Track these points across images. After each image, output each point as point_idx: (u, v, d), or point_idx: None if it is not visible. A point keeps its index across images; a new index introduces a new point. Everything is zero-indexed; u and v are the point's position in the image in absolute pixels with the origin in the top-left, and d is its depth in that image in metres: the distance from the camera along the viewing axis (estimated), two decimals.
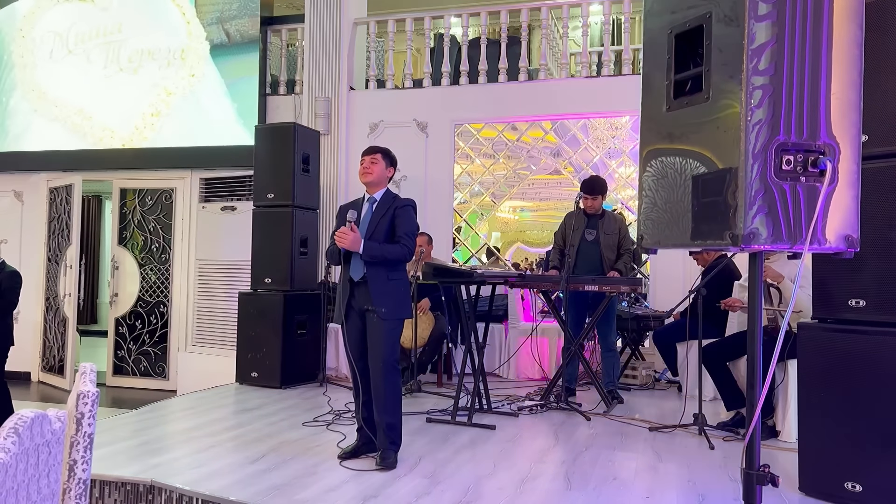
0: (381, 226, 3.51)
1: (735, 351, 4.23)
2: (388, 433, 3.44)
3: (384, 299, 3.44)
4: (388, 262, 3.46)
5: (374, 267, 3.45)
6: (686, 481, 3.26)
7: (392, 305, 3.45)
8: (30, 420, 1.28)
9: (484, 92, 6.95)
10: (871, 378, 2.81)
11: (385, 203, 3.58)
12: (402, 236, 3.49)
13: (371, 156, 3.61)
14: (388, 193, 3.64)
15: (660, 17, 1.91)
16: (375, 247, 3.43)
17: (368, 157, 3.62)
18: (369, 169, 3.58)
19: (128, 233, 7.98)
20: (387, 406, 3.44)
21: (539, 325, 5.86)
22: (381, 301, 3.43)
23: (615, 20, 8.13)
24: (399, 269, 3.55)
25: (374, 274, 3.46)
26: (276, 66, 7.74)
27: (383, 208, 3.56)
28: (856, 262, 2.69)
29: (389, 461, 3.39)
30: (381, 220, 3.53)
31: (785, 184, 1.61)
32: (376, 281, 3.45)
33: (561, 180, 8.40)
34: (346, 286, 3.53)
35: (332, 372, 6.03)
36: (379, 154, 3.62)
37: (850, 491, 2.84)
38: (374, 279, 3.45)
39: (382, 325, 3.43)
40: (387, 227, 3.51)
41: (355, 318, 3.53)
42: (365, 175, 3.60)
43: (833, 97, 1.66)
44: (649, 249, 1.97)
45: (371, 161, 3.59)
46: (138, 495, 3.19)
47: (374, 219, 3.54)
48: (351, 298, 3.52)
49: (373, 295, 3.44)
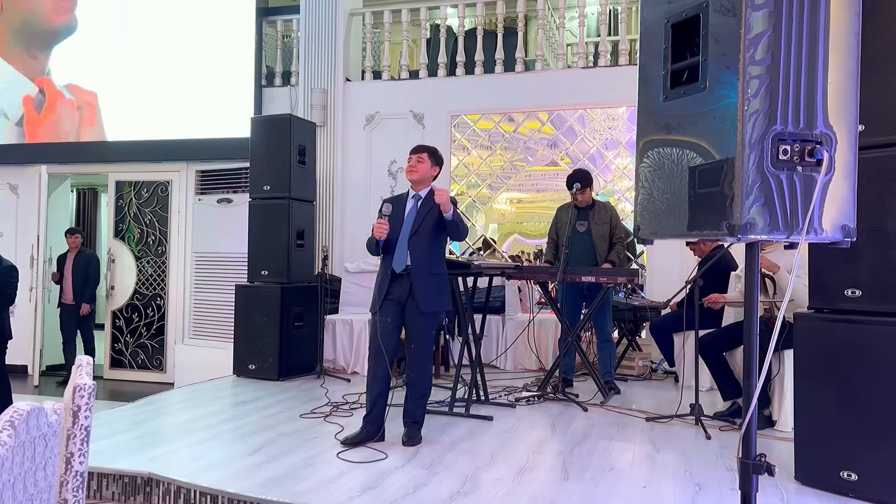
0: (427, 221, 3.64)
1: (731, 341, 4.24)
2: (418, 415, 3.70)
3: (425, 293, 3.58)
4: (458, 233, 3.65)
5: (418, 260, 3.59)
6: (683, 471, 3.28)
7: (432, 298, 3.61)
8: (26, 413, 1.28)
9: (480, 83, 6.93)
10: (867, 368, 2.82)
11: (430, 200, 3.69)
12: None
13: (418, 154, 3.75)
14: (433, 192, 3.73)
15: (656, 7, 1.90)
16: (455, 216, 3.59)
17: (415, 155, 3.76)
18: (415, 167, 3.73)
19: (124, 225, 7.96)
20: (422, 391, 3.69)
21: (536, 317, 5.87)
22: (421, 294, 3.56)
23: (612, 10, 8.10)
24: (440, 265, 3.70)
25: (418, 266, 3.59)
26: (272, 58, 7.70)
27: (428, 205, 3.68)
28: (852, 252, 2.69)
29: (417, 439, 3.66)
30: (427, 216, 3.65)
31: (782, 174, 1.61)
32: (419, 274, 3.59)
33: (558, 172, 8.37)
34: (385, 277, 3.65)
35: (329, 364, 6.03)
36: (425, 153, 3.76)
37: (845, 479, 2.86)
38: (417, 272, 3.59)
39: (421, 317, 3.59)
40: (432, 223, 3.63)
41: (390, 307, 3.63)
42: (410, 173, 3.75)
43: (830, 87, 1.66)
44: (646, 240, 1.96)
45: (417, 160, 3.73)
46: (136, 488, 3.20)
47: (419, 214, 3.66)
48: (390, 288, 3.63)
49: (414, 287, 3.57)
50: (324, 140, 6.96)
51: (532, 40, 8.54)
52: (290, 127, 5.87)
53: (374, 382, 3.63)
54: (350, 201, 7.15)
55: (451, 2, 7.46)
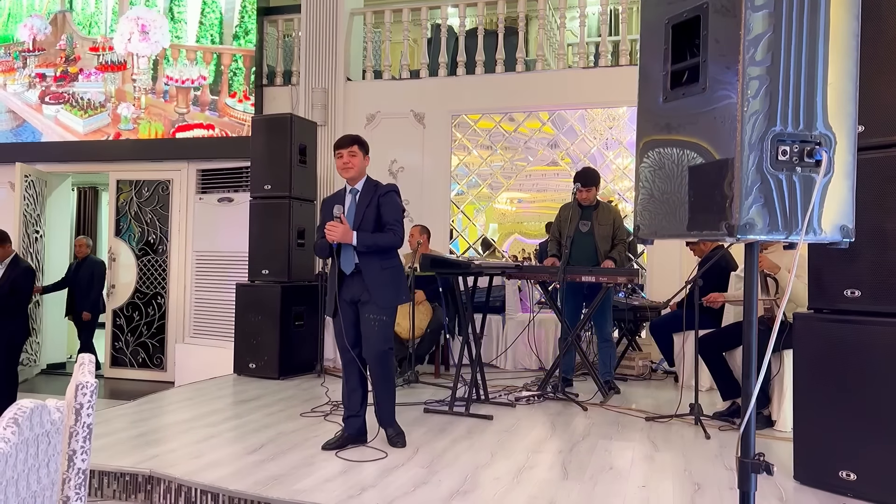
0: (368, 215, 3.50)
1: (731, 341, 4.25)
2: (390, 416, 3.59)
3: (380, 289, 3.45)
4: (381, 251, 3.46)
5: (366, 257, 3.45)
6: (682, 470, 3.28)
7: (388, 294, 3.47)
8: (29, 410, 1.28)
9: (481, 83, 6.93)
10: (866, 368, 2.83)
11: (367, 192, 3.56)
12: (390, 223, 3.48)
13: (349, 149, 3.55)
14: (369, 181, 3.62)
15: (657, 8, 1.90)
16: (368, 236, 3.42)
17: (346, 150, 3.55)
18: (350, 163, 3.54)
19: (124, 224, 7.96)
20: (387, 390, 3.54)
21: (536, 316, 5.88)
22: (377, 291, 3.44)
23: (612, 11, 8.10)
24: (391, 257, 3.55)
25: (368, 264, 3.46)
26: (273, 57, 7.71)
27: (367, 198, 3.54)
28: (851, 253, 2.70)
29: (396, 441, 3.56)
30: (367, 209, 3.50)
31: (781, 174, 1.62)
32: (370, 271, 3.46)
33: (558, 171, 8.38)
34: (336, 279, 3.52)
35: (329, 363, 6.04)
36: (356, 146, 3.56)
37: (844, 479, 2.87)
38: (368, 270, 3.46)
39: (378, 313, 3.45)
40: (373, 216, 3.50)
41: (347, 308, 3.53)
42: (346, 171, 3.56)
43: (829, 87, 1.66)
44: (646, 240, 1.97)
45: (350, 154, 3.54)
46: (137, 485, 3.20)
47: (359, 209, 3.52)
48: (342, 290, 3.51)
49: (368, 285, 3.45)
50: (324, 139, 6.96)
51: (533, 40, 8.55)
52: (291, 126, 5.88)
53: (347, 386, 3.56)
54: None
55: (452, 1, 7.46)
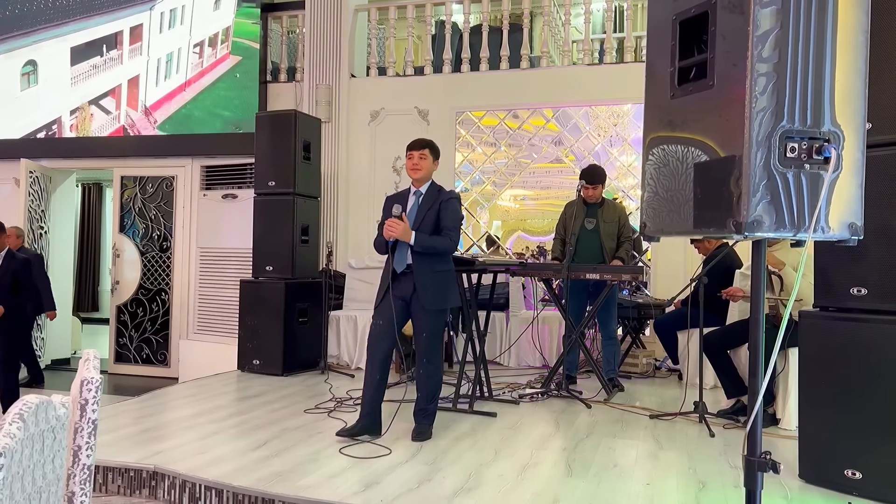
0: (428, 218, 3.61)
1: (736, 339, 4.24)
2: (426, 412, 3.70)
3: (427, 291, 3.54)
4: (436, 253, 3.57)
5: (419, 258, 3.55)
6: (686, 468, 3.28)
7: (436, 296, 3.57)
8: (35, 406, 1.28)
9: (485, 80, 6.92)
10: (871, 366, 2.82)
11: (431, 196, 3.67)
12: (448, 228, 3.60)
13: (420, 151, 3.68)
14: (434, 186, 3.72)
15: (664, 4, 1.89)
16: (426, 238, 3.53)
17: (417, 152, 3.68)
18: (419, 165, 3.67)
19: (129, 220, 7.98)
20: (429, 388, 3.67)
21: (540, 314, 5.87)
22: (424, 292, 3.53)
23: (617, 7, 8.07)
24: (444, 261, 3.65)
25: (420, 265, 3.56)
26: (277, 54, 7.71)
27: (429, 201, 3.65)
28: (858, 251, 2.68)
29: (425, 435, 3.66)
30: (428, 212, 3.62)
31: (789, 171, 1.61)
32: (421, 272, 3.55)
33: (562, 168, 8.38)
34: (387, 276, 3.63)
35: (333, 360, 6.05)
36: (427, 149, 3.70)
37: (849, 478, 2.86)
38: (419, 270, 3.55)
39: (426, 314, 3.56)
40: (433, 219, 3.61)
41: (388, 308, 3.57)
42: (414, 171, 3.68)
43: (838, 84, 1.65)
44: (651, 237, 1.96)
45: (420, 157, 3.67)
46: (141, 481, 3.21)
47: (420, 211, 3.63)
48: (392, 288, 3.60)
49: (417, 286, 3.54)
50: (328, 136, 6.96)
51: (537, 37, 8.53)
52: (295, 123, 5.87)
53: (368, 381, 3.64)
54: (355, 197, 7.15)
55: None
